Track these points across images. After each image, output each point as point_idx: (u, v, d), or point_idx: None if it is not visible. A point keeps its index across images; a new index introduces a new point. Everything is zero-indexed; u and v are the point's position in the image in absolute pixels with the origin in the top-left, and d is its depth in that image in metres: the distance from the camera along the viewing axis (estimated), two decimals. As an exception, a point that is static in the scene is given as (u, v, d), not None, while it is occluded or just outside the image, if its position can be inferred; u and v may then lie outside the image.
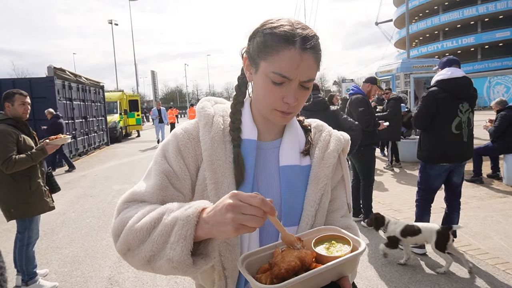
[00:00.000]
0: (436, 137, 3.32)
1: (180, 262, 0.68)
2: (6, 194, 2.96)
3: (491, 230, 4.01)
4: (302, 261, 0.68)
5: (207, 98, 1.01)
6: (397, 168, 7.68)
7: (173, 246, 0.69)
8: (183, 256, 0.68)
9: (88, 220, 5.07)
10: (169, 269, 0.71)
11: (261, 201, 0.64)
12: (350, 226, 0.96)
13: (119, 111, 18.31)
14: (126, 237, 0.76)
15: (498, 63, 34.45)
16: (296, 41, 0.78)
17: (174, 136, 0.92)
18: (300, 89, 0.83)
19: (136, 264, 0.77)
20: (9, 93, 3.05)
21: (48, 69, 10.33)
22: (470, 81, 3.28)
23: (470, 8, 36.63)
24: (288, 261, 0.67)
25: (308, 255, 0.70)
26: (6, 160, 2.80)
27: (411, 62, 11.16)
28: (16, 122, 3.05)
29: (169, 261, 0.70)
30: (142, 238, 0.74)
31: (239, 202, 0.64)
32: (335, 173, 0.97)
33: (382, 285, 2.97)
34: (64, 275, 3.43)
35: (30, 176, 3.02)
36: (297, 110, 0.87)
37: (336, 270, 0.70)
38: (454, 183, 3.42)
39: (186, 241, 0.69)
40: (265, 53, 0.81)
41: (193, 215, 0.70)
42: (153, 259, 0.73)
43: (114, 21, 34.32)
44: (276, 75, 0.79)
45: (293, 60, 0.78)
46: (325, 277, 0.69)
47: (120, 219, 0.79)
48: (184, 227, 0.69)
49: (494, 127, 5.90)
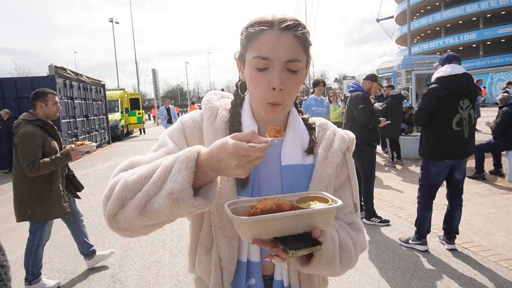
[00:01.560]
0: (437, 134, 3.31)
1: (181, 191, 0.67)
2: (25, 196, 2.92)
3: (493, 227, 4.00)
4: (278, 207, 0.71)
5: (213, 92, 1.01)
6: (399, 165, 7.67)
7: (173, 178, 0.68)
8: (184, 185, 0.67)
9: (91, 218, 5.08)
10: (169, 206, 0.68)
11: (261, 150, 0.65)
12: (355, 221, 0.96)
13: (121, 109, 18.33)
14: (119, 193, 0.73)
15: (500, 59, 34.29)
16: (273, 24, 0.81)
17: (182, 122, 0.93)
18: (285, 72, 0.81)
19: (129, 220, 0.73)
20: (42, 92, 3.00)
21: (49, 68, 10.34)
22: (470, 78, 3.27)
23: (472, 4, 36.43)
24: (265, 204, 0.71)
25: (286, 204, 0.73)
26: (31, 164, 2.77)
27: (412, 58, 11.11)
28: (44, 123, 3.02)
29: (169, 195, 0.68)
30: (138, 187, 0.73)
31: (242, 158, 0.66)
32: (340, 173, 0.96)
33: (384, 282, 2.97)
34: (67, 273, 3.44)
35: (51, 180, 2.98)
36: (287, 101, 0.84)
37: (308, 220, 0.72)
38: (456, 179, 3.41)
39: (188, 171, 0.68)
40: (248, 44, 0.83)
41: (193, 151, 0.71)
42: (150, 203, 0.71)
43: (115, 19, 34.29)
44: (257, 59, 0.81)
45: (270, 40, 0.80)
46: (296, 224, 0.71)
47: (112, 183, 0.77)
48: (184, 161, 0.69)
49: (496, 124, 5.88)
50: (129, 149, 13.34)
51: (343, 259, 0.88)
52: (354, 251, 0.91)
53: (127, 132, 19.76)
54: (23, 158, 2.78)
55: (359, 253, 0.95)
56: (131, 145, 15.16)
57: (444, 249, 3.51)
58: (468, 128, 3.28)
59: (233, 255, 0.88)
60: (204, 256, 0.91)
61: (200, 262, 0.93)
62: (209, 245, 0.90)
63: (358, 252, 0.94)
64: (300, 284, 0.92)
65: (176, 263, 3.52)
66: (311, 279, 0.94)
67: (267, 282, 0.92)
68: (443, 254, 3.41)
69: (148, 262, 3.58)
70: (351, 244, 0.90)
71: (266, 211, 0.69)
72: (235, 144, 0.65)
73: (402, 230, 4.07)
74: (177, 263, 3.52)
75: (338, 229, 0.89)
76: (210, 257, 0.89)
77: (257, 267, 0.89)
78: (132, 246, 4.00)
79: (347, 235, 0.91)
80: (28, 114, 3.00)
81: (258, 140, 0.66)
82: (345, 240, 0.89)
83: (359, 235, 0.95)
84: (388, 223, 4.28)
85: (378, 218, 4.32)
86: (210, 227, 0.89)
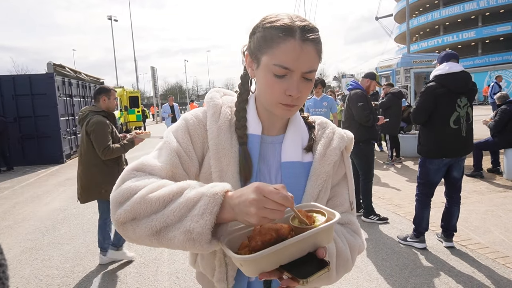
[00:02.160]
0: (435, 132, 3.32)
1: (200, 234, 0.67)
2: (99, 177, 3.28)
3: (491, 225, 4.02)
4: (278, 233, 0.69)
5: (216, 89, 1.01)
6: (398, 163, 7.69)
7: (195, 218, 0.68)
8: (205, 229, 0.68)
9: (90, 216, 5.08)
10: (183, 241, 0.69)
11: (283, 198, 0.65)
12: (351, 221, 0.97)
13: (120, 107, 18.31)
14: (134, 206, 0.73)
15: (498, 58, 34.36)
16: (295, 33, 0.80)
17: (185, 120, 0.92)
18: (302, 81, 0.83)
19: (138, 234, 0.73)
20: (106, 88, 3.43)
21: (47, 65, 10.30)
22: (468, 76, 3.28)
23: (471, 3, 36.44)
24: (264, 233, 0.68)
25: (284, 228, 0.70)
26: (106, 148, 3.17)
27: (411, 57, 11.12)
28: (108, 114, 3.38)
29: (187, 233, 0.68)
30: (156, 209, 0.72)
31: (262, 198, 0.64)
32: (337, 170, 0.97)
33: (382, 279, 2.98)
34: (66, 270, 3.44)
35: (118, 162, 3.39)
36: (301, 103, 0.87)
37: (311, 241, 0.70)
38: (454, 177, 3.43)
39: (211, 216, 0.68)
40: (266, 47, 0.82)
41: (220, 193, 0.70)
42: (165, 230, 0.71)
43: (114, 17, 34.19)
44: (278, 67, 0.80)
45: (293, 51, 0.79)
46: (300, 248, 0.69)
47: (128, 187, 0.76)
48: (210, 203, 0.69)
49: (494, 122, 5.90)
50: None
51: (339, 268, 0.88)
52: (351, 257, 0.91)
53: (126, 129, 19.74)
54: (98, 143, 3.17)
55: (356, 256, 0.95)
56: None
57: (442, 246, 3.53)
58: (466, 126, 3.29)
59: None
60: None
61: (202, 258, 0.93)
62: None
63: (355, 256, 0.94)
64: None
65: (175, 261, 3.53)
66: None
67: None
68: (441, 252, 3.42)
69: (147, 260, 3.59)
70: (348, 252, 0.90)
71: (267, 241, 0.67)
72: (259, 185, 0.66)
73: (400, 227, 4.09)
74: (176, 261, 3.53)
75: (336, 238, 0.89)
76: (215, 253, 0.89)
77: None
78: (131, 243, 4.00)
79: (344, 241, 0.91)
80: (92, 106, 3.40)
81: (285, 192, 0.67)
82: (343, 249, 0.89)
83: (357, 239, 0.95)
84: (386, 221, 4.29)
85: (377, 216, 4.33)
86: None
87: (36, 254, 3.86)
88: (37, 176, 8.45)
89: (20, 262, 3.67)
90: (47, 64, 10.31)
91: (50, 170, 9.24)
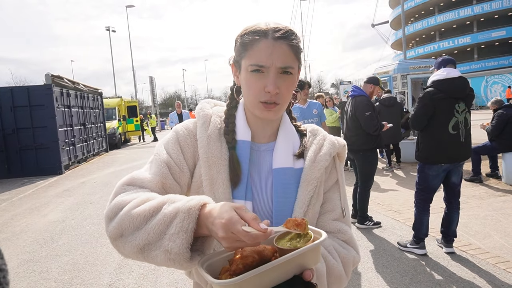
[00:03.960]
0: (434, 138, 3.32)
1: (178, 254, 0.68)
2: None
3: (491, 229, 4.01)
4: (261, 256, 0.66)
5: (206, 100, 1.04)
6: (397, 169, 7.69)
7: (173, 238, 0.69)
8: (182, 249, 0.68)
9: (88, 227, 5.05)
10: (164, 261, 0.70)
11: (253, 239, 0.62)
12: (342, 230, 0.95)
13: (118, 117, 18.33)
14: (120, 222, 0.75)
15: (494, 62, 34.62)
16: (268, 33, 0.85)
17: (175, 132, 0.95)
18: (279, 77, 0.85)
19: (127, 252, 0.75)
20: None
21: (46, 76, 10.34)
22: (466, 81, 3.30)
23: (466, 8, 36.83)
24: (246, 256, 0.65)
25: (268, 249, 0.68)
26: None
27: (407, 63, 11.19)
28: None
29: (166, 252, 0.69)
30: (138, 225, 0.73)
31: (231, 235, 0.63)
32: (329, 177, 0.98)
33: (383, 285, 2.96)
34: (64, 282, 3.41)
35: None
36: (282, 101, 0.87)
37: (296, 262, 0.67)
38: (452, 183, 3.42)
39: (187, 234, 0.68)
40: (244, 51, 0.87)
41: (195, 208, 0.70)
42: (148, 248, 0.72)
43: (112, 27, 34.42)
44: (254, 66, 0.84)
45: (266, 49, 0.84)
46: (285, 270, 0.66)
47: (116, 202, 0.78)
48: (185, 220, 0.69)
49: (492, 126, 5.92)
50: (127, 157, 13.31)
51: (332, 286, 0.88)
52: (344, 272, 0.90)
53: (125, 139, 19.74)
54: None
55: (351, 269, 0.93)
56: (128, 152, 15.12)
57: (443, 252, 3.51)
58: (465, 131, 3.30)
59: None
60: None
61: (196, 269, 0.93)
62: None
63: (350, 269, 0.92)
64: None
65: (174, 271, 3.50)
66: None
67: None
68: (442, 258, 3.41)
69: (146, 270, 3.56)
70: (340, 268, 0.89)
71: (249, 264, 0.64)
72: (229, 218, 0.63)
73: (400, 234, 4.07)
74: (175, 271, 3.50)
75: (326, 256, 0.88)
76: None
77: None
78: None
79: (336, 256, 0.90)
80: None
81: (257, 227, 0.62)
82: (334, 266, 0.87)
83: (350, 251, 0.93)
84: (379, 225, 4.31)
85: (371, 221, 4.33)
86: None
87: (34, 266, 3.83)
88: (36, 188, 8.42)
89: (17, 275, 3.63)
90: (45, 75, 10.35)
91: (48, 181, 9.20)
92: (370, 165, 4.29)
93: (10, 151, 9.99)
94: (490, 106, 6.34)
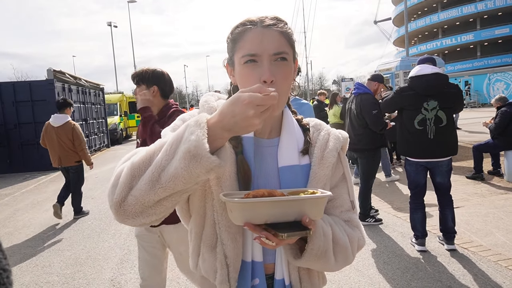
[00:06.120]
0: (403, 132, 3.50)
1: (198, 146, 0.67)
2: None
3: (493, 227, 4.00)
4: (270, 194, 0.75)
5: (210, 93, 1.03)
6: (398, 166, 7.68)
7: (187, 139, 0.69)
8: (200, 140, 0.67)
9: (90, 222, 5.07)
10: (186, 167, 0.68)
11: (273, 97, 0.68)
12: (351, 219, 0.97)
13: (119, 113, 18.33)
14: (128, 174, 0.73)
15: (497, 60, 34.41)
16: (256, 23, 0.85)
17: (183, 120, 0.94)
18: (275, 65, 0.84)
19: (141, 199, 0.72)
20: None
21: (47, 72, 10.35)
22: (439, 78, 3.30)
23: (469, 6, 36.58)
24: (258, 191, 0.75)
25: (277, 192, 0.77)
26: None
27: (410, 60, 11.13)
28: None
29: (186, 154, 0.67)
30: (148, 162, 0.73)
31: (256, 107, 0.67)
32: (335, 171, 0.97)
33: (384, 282, 2.97)
34: (66, 277, 3.43)
35: None
36: (280, 90, 0.80)
37: (297, 208, 0.75)
38: (438, 182, 3.46)
39: (202, 130, 0.69)
40: (235, 46, 0.87)
41: (201, 115, 0.72)
42: (164, 172, 0.70)
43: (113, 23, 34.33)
44: (246, 57, 0.84)
45: (256, 37, 0.84)
46: (286, 211, 0.75)
47: (117, 172, 0.77)
48: (195, 124, 0.70)
49: (495, 124, 5.90)
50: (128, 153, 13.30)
51: (338, 255, 0.89)
52: (350, 247, 0.91)
53: (126, 135, 19.75)
54: None
55: (356, 250, 0.95)
56: (130, 148, 15.11)
57: (444, 249, 3.51)
58: (434, 129, 3.30)
59: (238, 252, 0.88)
60: (208, 255, 0.91)
61: (204, 261, 0.93)
62: (213, 243, 0.91)
63: (355, 248, 0.94)
64: (301, 282, 0.93)
65: (176, 266, 3.51)
66: (311, 277, 0.95)
67: (268, 281, 0.93)
68: (443, 255, 3.41)
69: (147, 265, 3.57)
70: (346, 240, 0.91)
71: (258, 196, 0.73)
72: (250, 95, 0.67)
73: (401, 231, 4.08)
74: (176, 266, 3.51)
75: (333, 225, 0.90)
76: (215, 255, 0.89)
77: (260, 267, 0.90)
78: (132, 249, 3.98)
79: (342, 231, 0.92)
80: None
81: (268, 91, 0.68)
82: (340, 236, 0.89)
83: (355, 231, 0.95)
84: (381, 222, 4.32)
85: (372, 218, 4.33)
86: (213, 225, 0.90)
87: (36, 261, 3.85)
88: (38, 183, 8.45)
89: (20, 269, 3.66)
90: (47, 71, 10.36)
91: (50, 176, 9.23)
92: (374, 164, 4.29)
93: (12, 146, 10.02)
94: (493, 103, 6.32)
